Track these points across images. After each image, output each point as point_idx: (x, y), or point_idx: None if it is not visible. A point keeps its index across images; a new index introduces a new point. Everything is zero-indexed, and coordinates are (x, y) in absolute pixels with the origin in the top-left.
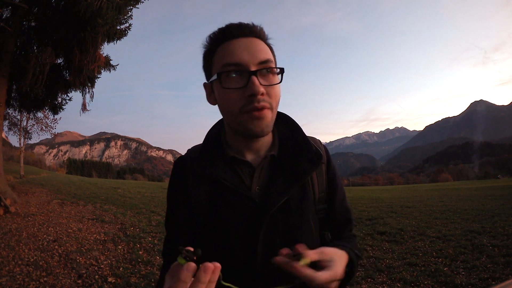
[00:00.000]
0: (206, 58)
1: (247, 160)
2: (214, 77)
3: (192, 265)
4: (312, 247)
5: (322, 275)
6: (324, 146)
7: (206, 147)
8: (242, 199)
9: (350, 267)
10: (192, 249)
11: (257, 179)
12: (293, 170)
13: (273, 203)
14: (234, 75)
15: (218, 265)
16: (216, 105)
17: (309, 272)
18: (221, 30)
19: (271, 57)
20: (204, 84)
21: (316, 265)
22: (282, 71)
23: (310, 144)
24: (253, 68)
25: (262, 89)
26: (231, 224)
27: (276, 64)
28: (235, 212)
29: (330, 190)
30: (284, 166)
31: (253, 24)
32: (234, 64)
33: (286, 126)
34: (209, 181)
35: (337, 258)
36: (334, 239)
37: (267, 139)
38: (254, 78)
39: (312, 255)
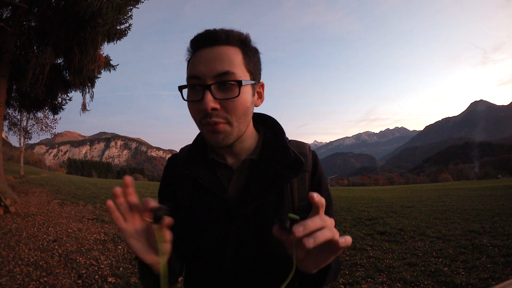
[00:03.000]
0: (187, 66)
1: (227, 163)
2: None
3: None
4: (283, 253)
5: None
6: (313, 153)
7: (193, 148)
8: (218, 200)
9: (325, 270)
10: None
11: (234, 182)
12: (270, 176)
13: (246, 206)
14: (194, 88)
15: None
16: None
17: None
18: (192, 40)
19: (231, 67)
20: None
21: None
22: (239, 83)
23: (289, 150)
24: (209, 82)
25: (212, 105)
26: (206, 223)
27: (255, 70)
28: (211, 212)
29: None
30: (261, 171)
31: (221, 30)
32: (193, 77)
33: (270, 130)
34: (193, 181)
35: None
36: None
37: (249, 144)
38: (207, 93)
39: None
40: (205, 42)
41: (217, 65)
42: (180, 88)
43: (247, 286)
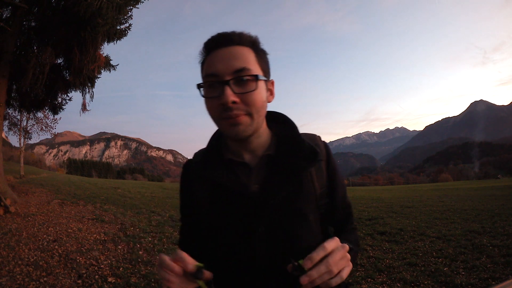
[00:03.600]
0: (201, 67)
1: (244, 161)
2: (197, 87)
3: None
4: (312, 241)
5: (326, 244)
6: (325, 143)
7: (208, 150)
8: (241, 198)
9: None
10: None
11: (254, 178)
12: (289, 168)
13: (271, 199)
14: (212, 85)
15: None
16: None
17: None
18: (206, 42)
19: (247, 64)
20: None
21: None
22: (256, 78)
23: (304, 142)
24: (227, 78)
25: (232, 98)
26: (231, 222)
27: (265, 68)
28: (234, 211)
29: (331, 186)
30: (280, 165)
31: (233, 32)
32: (211, 75)
33: (283, 126)
34: (212, 183)
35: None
36: (336, 233)
37: (264, 140)
38: (226, 88)
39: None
40: (220, 43)
41: (234, 62)
42: (198, 86)
43: (279, 281)
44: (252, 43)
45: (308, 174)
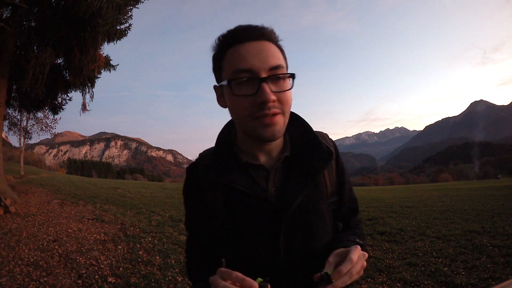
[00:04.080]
0: (216, 61)
1: (261, 163)
2: (225, 82)
3: None
4: (328, 239)
5: (352, 258)
6: (332, 141)
7: (218, 152)
8: (259, 202)
9: None
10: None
11: (272, 181)
12: (307, 170)
13: (290, 203)
14: (244, 82)
15: None
16: (226, 108)
17: (344, 269)
18: (230, 33)
19: (282, 62)
20: (214, 87)
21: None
22: (293, 76)
23: (321, 142)
24: (263, 75)
25: (273, 97)
26: (251, 227)
27: (287, 66)
28: (254, 215)
29: (340, 182)
30: (297, 167)
31: (263, 26)
32: (244, 70)
33: (296, 126)
34: (225, 187)
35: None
36: (344, 228)
37: (279, 141)
38: (265, 86)
39: (332, 266)
40: (253, 35)
41: (270, 58)
42: (229, 82)
43: (301, 280)
44: (277, 40)
45: (322, 174)
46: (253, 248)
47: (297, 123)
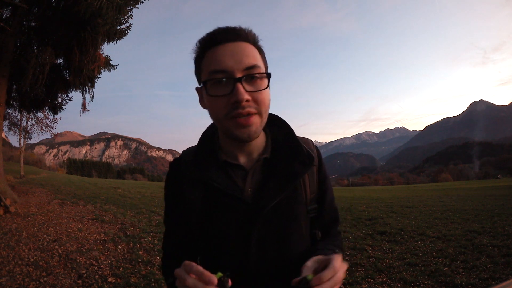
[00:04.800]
0: (196, 64)
1: (240, 163)
2: (202, 84)
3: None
4: (302, 246)
5: (334, 265)
6: (316, 148)
7: (200, 150)
8: (235, 201)
9: None
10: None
11: (249, 181)
12: (286, 172)
13: (266, 204)
14: (219, 82)
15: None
16: (207, 109)
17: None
18: (207, 36)
19: (258, 61)
20: (196, 89)
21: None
22: (268, 75)
23: (302, 146)
24: (238, 75)
25: (246, 96)
26: (225, 225)
27: (266, 66)
28: (228, 214)
29: (321, 191)
30: (276, 169)
31: (240, 27)
32: (219, 71)
33: (279, 129)
34: (204, 185)
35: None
36: (323, 237)
37: (260, 142)
38: (239, 85)
39: (310, 271)
40: (227, 37)
41: (244, 58)
42: (204, 83)
43: (271, 284)
44: (255, 41)
45: (301, 180)
46: (225, 247)
47: (279, 125)
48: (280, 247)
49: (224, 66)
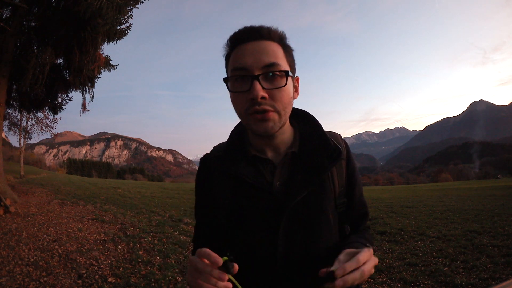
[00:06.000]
0: (226, 61)
1: (268, 157)
2: (225, 81)
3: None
4: (330, 240)
5: (360, 257)
6: (345, 141)
7: (230, 146)
8: (264, 194)
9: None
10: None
11: (278, 175)
12: (313, 166)
13: (293, 197)
14: (239, 79)
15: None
16: None
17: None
18: (234, 35)
19: (278, 59)
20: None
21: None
22: (287, 74)
23: (329, 140)
24: (256, 72)
25: (262, 93)
26: (253, 218)
27: (292, 64)
28: (257, 207)
29: (350, 185)
30: (304, 163)
31: (264, 26)
32: (239, 68)
33: (307, 123)
34: (233, 178)
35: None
36: (352, 232)
37: (287, 136)
38: (256, 83)
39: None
40: (249, 37)
41: (264, 57)
42: (226, 80)
43: (299, 277)
44: (280, 38)
45: (329, 173)
46: (253, 239)
47: (307, 120)
48: (307, 240)
49: (244, 63)
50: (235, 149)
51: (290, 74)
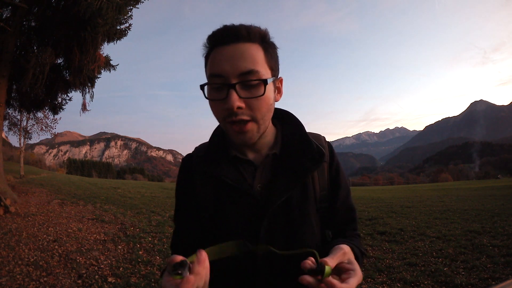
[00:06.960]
0: (205, 61)
1: (249, 159)
2: (201, 87)
3: (191, 278)
4: (313, 245)
5: (351, 284)
6: (329, 144)
7: (211, 146)
8: (244, 197)
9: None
10: (180, 259)
11: (259, 177)
12: (295, 169)
13: (274, 200)
14: (216, 87)
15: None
16: None
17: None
18: (212, 35)
19: (255, 65)
20: (200, 86)
21: (337, 268)
22: (264, 82)
23: (312, 142)
24: (233, 81)
25: (238, 104)
26: (233, 220)
27: (273, 66)
28: (237, 209)
29: (332, 188)
30: (285, 165)
31: (243, 26)
32: (216, 75)
33: (289, 125)
34: (215, 180)
35: (353, 258)
36: (335, 238)
37: (269, 138)
38: (232, 92)
39: (332, 262)
40: (226, 39)
41: (241, 63)
42: (202, 87)
43: (279, 282)
44: (261, 38)
45: (310, 176)
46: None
47: (289, 121)
48: (288, 244)
49: (221, 70)
50: (216, 149)
51: (270, 81)
